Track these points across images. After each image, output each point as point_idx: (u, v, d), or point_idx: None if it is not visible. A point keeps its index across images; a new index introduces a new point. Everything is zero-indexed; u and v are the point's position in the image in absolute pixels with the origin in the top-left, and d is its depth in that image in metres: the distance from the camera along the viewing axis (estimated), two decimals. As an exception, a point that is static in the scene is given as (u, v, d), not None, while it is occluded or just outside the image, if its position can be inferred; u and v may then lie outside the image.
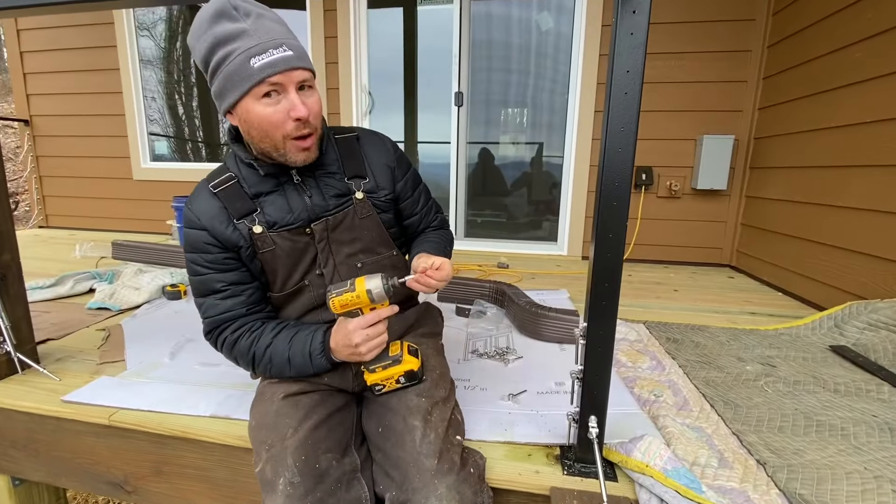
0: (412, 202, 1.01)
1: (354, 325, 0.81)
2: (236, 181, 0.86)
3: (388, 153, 0.96)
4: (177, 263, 2.27)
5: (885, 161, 1.66)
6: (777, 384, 1.25)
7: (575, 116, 2.80)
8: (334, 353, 0.84)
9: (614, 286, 0.77)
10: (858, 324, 1.52)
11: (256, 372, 0.90)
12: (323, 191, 0.89)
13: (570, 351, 1.45)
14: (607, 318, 0.79)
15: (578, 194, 2.86)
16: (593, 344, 0.80)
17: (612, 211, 0.75)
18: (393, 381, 0.86)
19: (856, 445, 0.97)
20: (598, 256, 0.77)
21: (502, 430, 0.98)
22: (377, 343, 0.83)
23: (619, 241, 0.76)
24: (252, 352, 0.86)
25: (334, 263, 0.90)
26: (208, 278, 0.87)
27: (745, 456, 0.92)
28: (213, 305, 0.88)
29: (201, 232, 0.85)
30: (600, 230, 0.76)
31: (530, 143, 3.15)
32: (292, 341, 0.86)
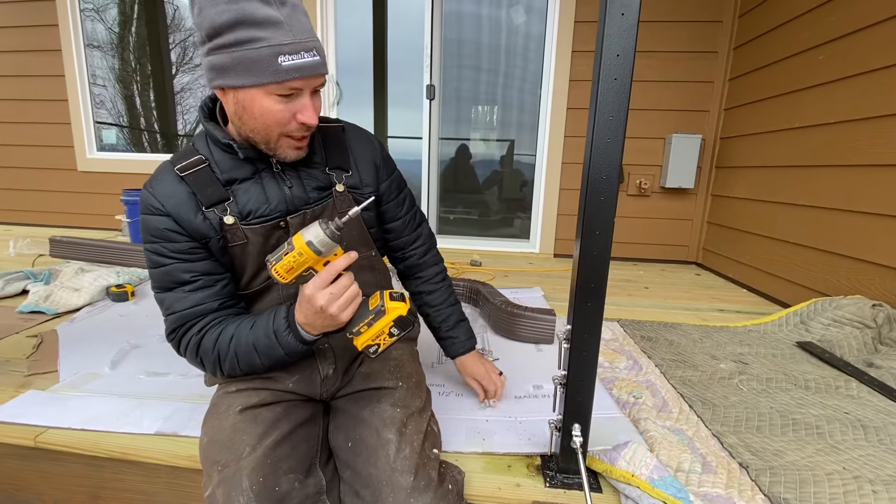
0: (396, 205, 0.96)
1: (311, 287, 0.69)
2: (207, 165, 0.76)
3: (375, 150, 0.91)
4: (125, 262, 2.10)
5: (846, 161, 1.70)
6: (751, 382, 1.25)
7: (547, 114, 2.78)
8: (306, 327, 0.73)
9: (600, 286, 0.73)
10: (823, 320, 1.55)
11: (225, 373, 0.78)
12: (304, 182, 0.81)
13: (547, 352, 1.40)
14: (593, 320, 0.74)
15: (550, 192, 2.85)
16: (578, 348, 0.75)
17: (598, 206, 0.70)
18: (385, 337, 0.74)
19: (832, 444, 0.97)
20: (583, 255, 0.72)
21: (480, 439, 0.92)
22: (347, 298, 0.70)
23: (606, 239, 0.71)
24: (216, 349, 0.75)
25: None
26: (174, 268, 0.76)
27: (728, 459, 0.89)
28: (180, 299, 0.76)
29: (164, 218, 0.74)
30: (586, 227, 0.71)
31: (501, 140, 3.12)
32: (255, 325, 0.75)
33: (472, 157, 3.17)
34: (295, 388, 0.83)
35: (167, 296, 0.77)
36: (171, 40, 3.30)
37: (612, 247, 0.71)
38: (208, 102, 0.79)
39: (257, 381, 0.81)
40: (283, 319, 0.73)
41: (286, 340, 0.73)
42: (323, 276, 0.69)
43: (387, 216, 0.95)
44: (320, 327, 0.73)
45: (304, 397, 0.84)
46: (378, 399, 0.81)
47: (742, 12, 2.45)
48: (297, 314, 0.73)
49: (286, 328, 0.73)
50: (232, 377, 0.79)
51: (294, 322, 0.73)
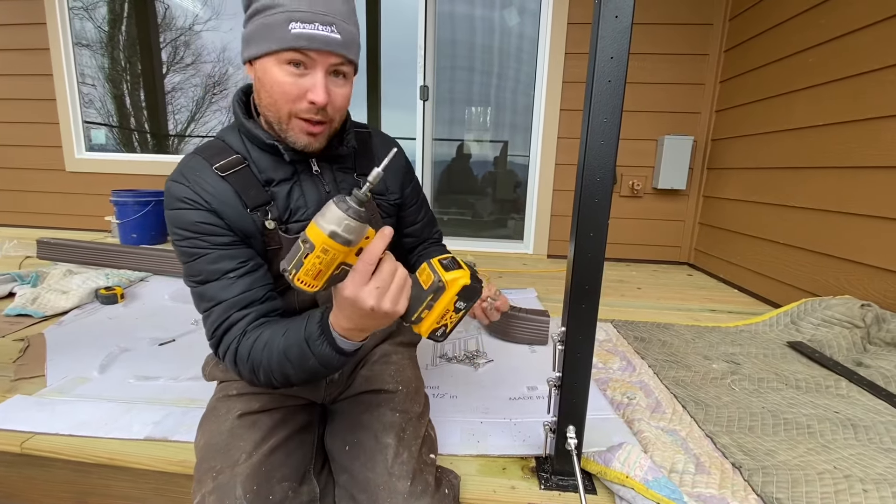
0: (415, 210, 0.96)
1: (351, 287, 0.56)
2: (247, 166, 0.73)
3: (400, 156, 0.90)
4: (114, 264, 2.07)
5: (836, 163, 1.72)
6: (743, 382, 1.26)
7: (541, 115, 2.79)
8: (349, 333, 0.61)
9: (594, 288, 0.73)
10: (813, 320, 1.57)
11: (262, 384, 0.68)
12: (339, 186, 0.79)
13: (541, 353, 1.41)
14: (587, 322, 0.74)
15: (544, 193, 2.85)
16: (572, 349, 0.75)
17: (592, 208, 0.70)
18: (451, 314, 0.62)
19: (823, 443, 0.97)
20: (577, 257, 0.72)
21: (475, 441, 0.91)
22: (398, 286, 0.58)
23: (601, 241, 0.71)
24: (251, 357, 0.66)
25: None
26: (218, 256, 0.69)
27: (721, 459, 0.90)
28: (226, 287, 0.68)
29: (206, 213, 0.69)
30: (581, 229, 0.71)
31: (495, 141, 3.12)
32: (288, 330, 0.65)
33: (462, 158, 3.17)
34: (299, 392, 0.82)
35: (209, 287, 0.69)
36: (162, 39, 3.26)
37: (605, 248, 0.72)
38: (241, 96, 0.76)
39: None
40: (315, 325, 0.62)
41: (319, 350, 0.62)
42: (361, 269, 0.56)
43: (405, 221, 0.95)
44: (373, 327, 0.62)
45: (305, 401, 0.83)
46: (378, 403, 0.80)
47: (733, 15, 2.48)
48: (336, 320, 0.61)
49: (319, 335, 0.61)
50: (264, 386, 0.69)
51: (329, 329, 0.62)
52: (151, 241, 2.81)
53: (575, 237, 0.72)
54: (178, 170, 0.72)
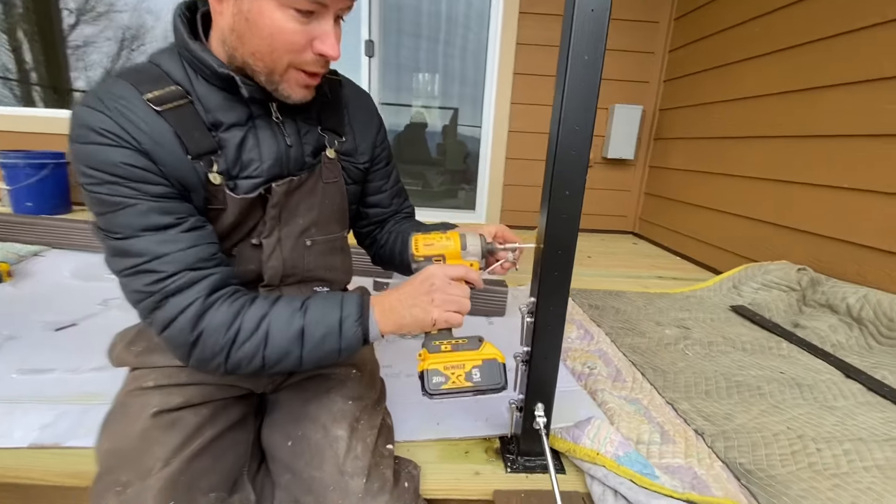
0: (383, 174, 0.82)
1: (438, 267, 0.62)
2: (190, 102, 0.57)
3: (374, 113, 0.78)
4: (2, 236, 1.75)
5: (774, 132, 1.77)
6: (695, 347, 1.27)
7: (493, 79, 2.67)
8: (386, 315, 0.59)
9: (568, 254, 0.65)
10: (754, 284, 1.63)
11: (228, 364, 0.56)
12: (303, 140, 0.66)
13: (498, 325, 1.35)
14: (559, 291, 0.67)
15: (497, 161, 2.77)
16: (543, 321, 0.68)
17: (568, 164, 0.62)
18: (461, 376, 0.59)
19: (774, 404, 0.99)
20: (551, 219, 0.63)
21: (434, 424, 0.83)
22: (457, 302, 0.60)
23: (577, 199, 0.63)
24: (236, 327, 0.55)
25: (279, 237, 0.66)
26: (148, 209, 0.54)
27: (684, 427, 0.88)
28: (165, 241, 0.54)
29: (137, 155, 0.53)
30: (555, 186, 0.62)
31: (444, 107, 2.98)
32: (307, 307, 0.58)
33: (420, 125, 3.01)
34: (237, 380, 0.68)
35: (139, 241, 0.53)
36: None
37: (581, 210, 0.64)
38: (185, 11, 0.59)
39: (184, 373, 0.65)
40: (356, 306, 0.58)
41: (352, 332, 0.57)
42: (453, 267, 0.63)
43: (370, 189, 0.82)
44: (404, 317, 0.60)
45: (242, 392, 0.70)
46: (327, 390, 0.69)
47: (683, -18, 2.46)
48: (381, 302, 0.60)
49: (358, 317, 0.58)
50: (229, 371, 0.57)
51: (367, 312, 0.59)
52: (52, 211, 2.43)
53: (549, 197, 0.63)
54: (94, 94, 0.54)
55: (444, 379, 0.59)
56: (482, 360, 0.60)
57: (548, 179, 0.64)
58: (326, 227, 0.73)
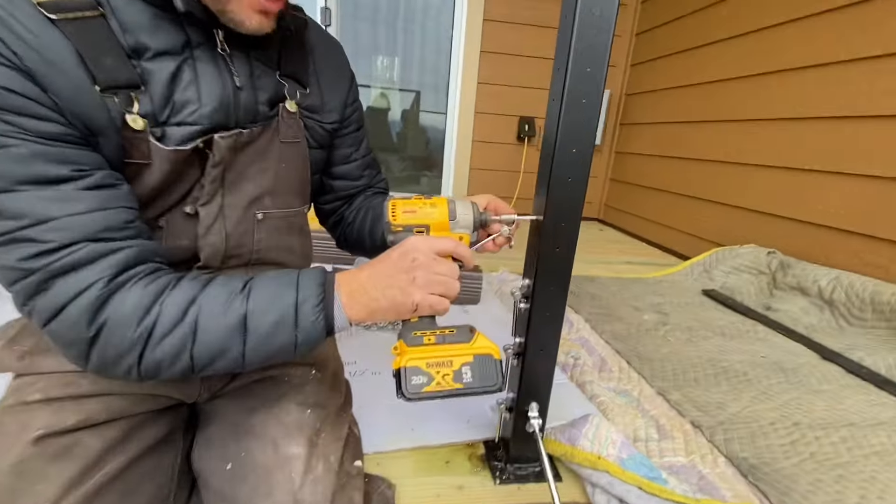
0: (354, 140, 0.69)
1: (421, 239, 0.49)
2: (102, 15, 0.41)
3: (345, 64, 0.66)
4: None
5: (740, 116, 1.76)
6: (675, 332, 1.22)
7: (459, 58, 2.54)
8: (352, 298, 0.46)
9: (573, 226, 0.55)
10: (724, 268, 1.62)
11: (142, 366, 0.41)
12: (256, 83, 0.51)
13: (473, 313, 1.24)
14: (561, 272, 0.57)
15: (463, 144, 2.66)
16: (541, 308, 0.57)
17: (578, 112, 0.51)
18: (448, 376, 0.47)
19: (762, 390, 0.95)
20: (554, 184, 0.53)
21: (409, 430, 0.71)
22: (444, 283, 0.48)
23: (585, 160, 0.52)
24: (154, 313, 0.41)
25: (221, 205, 0.52)
26: (32, 153, 0.38)
27: (679, 419, 0.82)
28: (55, 200, 0.39)
29: (16, 75, 0.38)
30: (561, 143, 0.51)
31: (405, 90, 2.83)
32: (252, 289, 0.44)
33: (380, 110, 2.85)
34: (155, 388, 0.53)
35: (21, 196, 0.38)
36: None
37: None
38: None
39: (85, 381, 0.49)
40: (316, 286, 0.45)
41: (311, 321, 0.44)
42: (440, 239, 0.50)
43: (336, 157, 0.68)
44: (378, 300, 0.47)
45: (168, 403, 0.55)
46: (279, 396, 0.56)
47: (651, -37, 2.43)
48: (348, 281, 0.47)
49: (319, 302, 0.45)
50: (145, 377, 0.42)
51: (332, 295, 0.46)
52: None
53: (552, 158, 0.52)
54: None
55: (426, 379, 0.47)
56: (474, 356, 0.48)
57: (551, 136, 0.53)
58: (283, 199, 0.59)
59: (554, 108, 0.52)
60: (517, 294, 0.59)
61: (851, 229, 1.34)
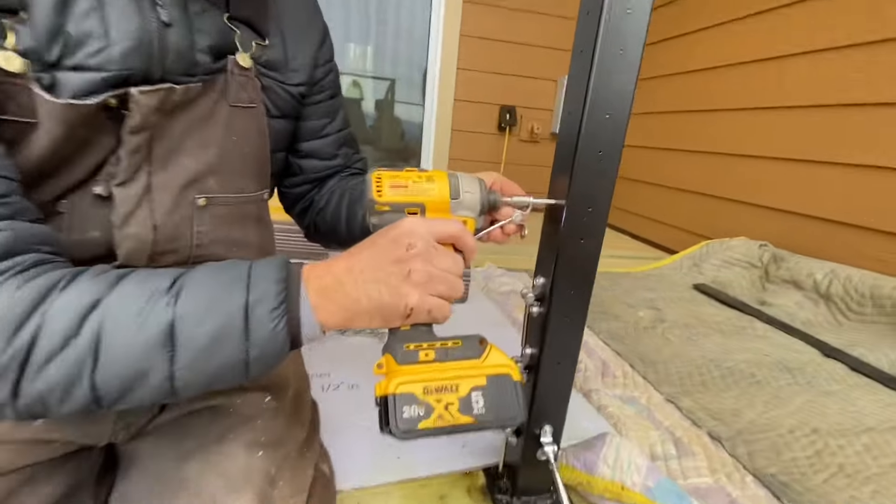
0: (327, 110, 0.57)
1: (415, 221, 0.37)
2: None
3: (316, 13, 0.55)
4: None
5: (730, 105, 1.72)
6: (674, 330, 1.15)
7: (438, 43, 2.41)
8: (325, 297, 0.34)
9: (602, 213, 0.44)
10: (715, 262, 1.57)
11: (18, 401, 0.28)
12: (194, 22, 0.39)
13: (461, 313, 1.13)
14: (586, 269, 0.46)
15: (442, 133, 2.53)
16: (560, 311, 0.47)
17: (611, 73, 0.41)
18: (453, 406, 0.35)
19: (773, 393, 0.89)
20: (583, 157, 0.42)
21: (394, 458, 0.60)
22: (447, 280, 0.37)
23: (619, 130, 0.42)
24: (32, 325, 0.28)
25: (147, 185, 0.39)
26: None
27: (696, 431, 0.74)
28: None
29: None
30: (591, 111, 0.41)
31: (379, 78, 2.68)
32: (183, 287, 0.32)
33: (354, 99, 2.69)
34: (49, 432, 0.39)
35: None
36: None
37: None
38: None
39: None
40: (274, 282, 0.33)
41: (268, 330, 0.32)
42: (443, 222, 0.39)
43: (305, 131, 0.56)
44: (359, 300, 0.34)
45: (66, 448, 0.41)
46: (219, 436, 0.43)
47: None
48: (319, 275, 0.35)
49: (279, 303, 0.33)
50: (24, 415, 0.30)
51: (297, 293, 0.34)
52: None
53: (579, 129, 0.41)
54: None
55: (423, 411, 0.35)
56: (487, 379, 0.37)
57: (577, 102, 0.42)
58: (233, 180, 0.46)
59: (582, 62, 0.41)
60: (529, 296, 0.49)
61: (847, 221, 1.30)
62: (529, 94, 2.53)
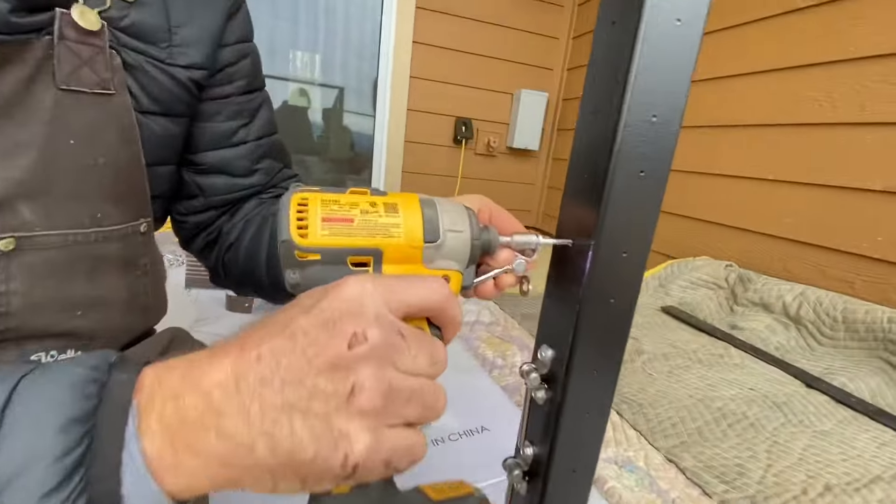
0: (240, 109, 0.42)
1: (362, 281, 0.21)
2: None
3: None
4: None
5: (688, 122, 1.70)
6: (653, 363, 1.06)
7: (389, 49, 2.27)
8: (180, 438, 0.18)
9: (641, 255, 0.31)
10: (681, 283, 1.52)
11: None
12: None
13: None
14: (615, 335, 0.33)
15: (394, 145, 2.38)
16: (578, 399, 0.33)
17: (655, 62, 0.28)
18: None
19: (770, 438, 0.80)
20: (618, 179, 0.29)
21: None
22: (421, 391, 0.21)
23: (670, 137, 0.29)
24: None
25: None
26: None
27: (707, 502, 0.62)
28: None
29: None
30: (633, 109, 0.27)
31: (327, 86, 2.50)
32: None
33: (300, 107, 2.48)
34: None
35: None
36: None
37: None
38: None
39: None
40: (57, 432, 0.16)
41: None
42: (410, 284, 0.23)
43: (210, 133, 0.41)
44: (253, 450, 0.18)
45: None
46: None
47: (588, -35, 2.36)
48: (169, 396, 0.18)
49: (64, 475, 0.15)
50: None
51: (121, 437, 0.17)
52: None
53: (614, 137, 0.28)
54: None
55: None
56: None
57: (605, 105, 0.29)
58: (69, 208, 0.30)
59: (615, 38, 0.28)
60: (533, 376, 0.34)
61: (811, 241, 1.28)
62: (485, 106, 2.45)
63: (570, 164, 0.34)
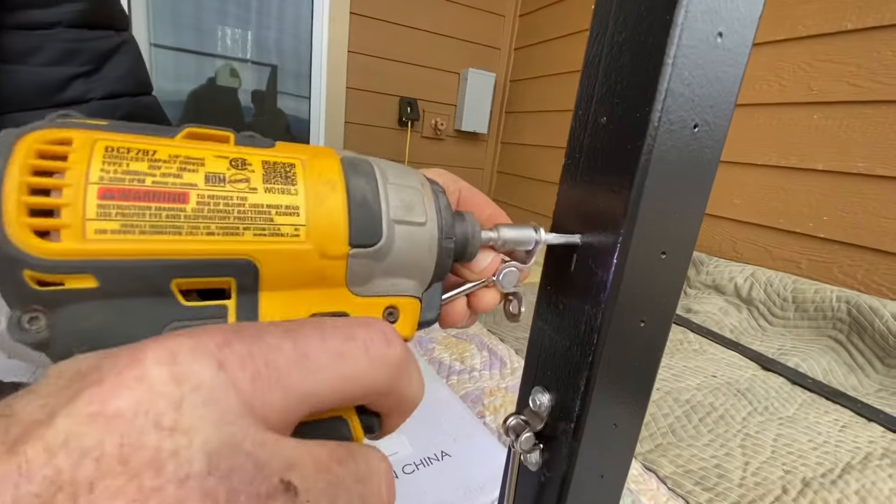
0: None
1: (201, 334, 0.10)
2: None
3: None
4: None
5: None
6: (616, 354, 1.01)
7: (324, 22, 2.07)
8: None
9: (682, 261, 0.21)
10: (635, 267, 1.50)
11: None
12: None
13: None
14: (643, 374, 0.22)
15: (333, 126, 2.19)
16: (593, 461, 0.23)
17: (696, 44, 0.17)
18: None
19: (741, 431, 0.76)
20: (654, 158, 0.18)
21: None
22: None
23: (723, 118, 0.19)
24: None
25: None
26: None
27: (694, 516, 0.56)
28: None
29: None
30: (673, 79, 0.17)
31: (259, 63, 2.25)
32: None
33: (229, 88, 2.22)
34: None
35: None
36: None
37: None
38: None
39: None
40: None
41: None
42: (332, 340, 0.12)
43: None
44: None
45: None
46: None
47: (533, -61, 2.27)
48: None
49: None
50: None
51: None
52: None
53: (651, 109, 0.17)
54: None
55: None
56: None
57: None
58: None
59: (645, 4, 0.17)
60: (525, 436, 0.24)
61: (758, 222, 1.29)
62: (431, 86, 2.32)
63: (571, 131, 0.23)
